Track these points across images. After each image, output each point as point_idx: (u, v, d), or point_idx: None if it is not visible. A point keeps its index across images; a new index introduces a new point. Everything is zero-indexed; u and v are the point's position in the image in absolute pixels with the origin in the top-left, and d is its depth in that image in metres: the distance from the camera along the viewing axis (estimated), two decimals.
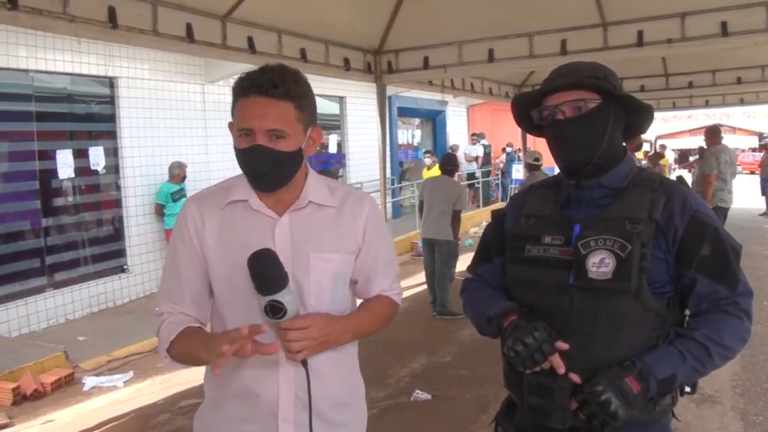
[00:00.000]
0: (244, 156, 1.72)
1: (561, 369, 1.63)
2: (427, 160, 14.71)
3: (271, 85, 1.69)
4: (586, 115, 1.71)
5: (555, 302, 1.71)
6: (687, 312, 1.74)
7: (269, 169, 1.72)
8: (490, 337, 1.86)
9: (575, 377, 1.63)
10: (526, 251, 1.80)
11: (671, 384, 1.61)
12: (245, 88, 1.71)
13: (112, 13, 4.54)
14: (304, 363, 1.70)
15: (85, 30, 4.51)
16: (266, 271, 1.60)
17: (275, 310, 1.59)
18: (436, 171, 10.80)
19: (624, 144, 1.85)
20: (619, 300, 1.64)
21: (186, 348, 1.74)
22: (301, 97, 1.74)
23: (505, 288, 1.90)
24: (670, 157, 20.69)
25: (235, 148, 1.75)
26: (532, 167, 8.06)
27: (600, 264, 1.64)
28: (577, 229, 1.72)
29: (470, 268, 2.07)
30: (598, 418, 1.56)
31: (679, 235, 1.66)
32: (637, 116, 1.80)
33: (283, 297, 1.59)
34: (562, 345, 1.64)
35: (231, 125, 1.80)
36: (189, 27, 5.19)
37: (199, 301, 1.86)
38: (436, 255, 7.75)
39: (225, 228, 1.80)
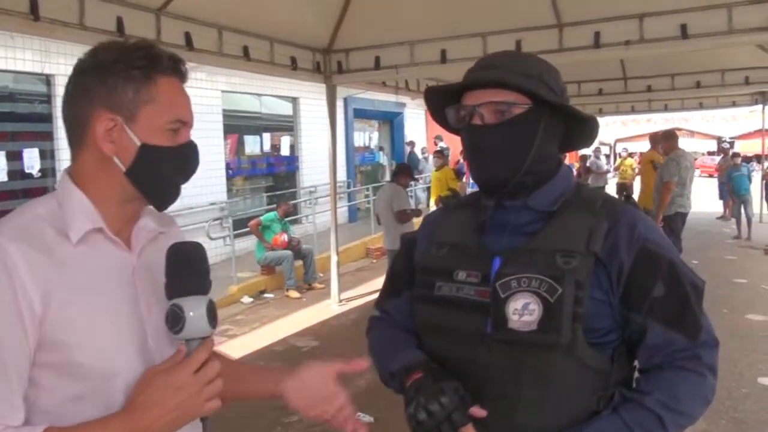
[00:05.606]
0: (188, 153, 1.25)
1: None
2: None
3: (183, 64, 1.25)
4: (509, 122, 1.35)
5: (471, 355, 1.36)
6: (636, 364, 1.40)
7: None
8: (396, 392, 1.49)
9: None
10: (436, 289, 1.43)
11: None
12: (165, 68, 1.21)
13: (33, 4, 4.27)
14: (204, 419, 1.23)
15: (4, 22, 4.26)
16: (187, 265, 1.17)
17: (175, 319, 1.13)
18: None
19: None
20: (547, 356, 1.29)
21: None
22: None
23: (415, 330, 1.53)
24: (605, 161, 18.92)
25: (162, 147, 1.21)
26: None
27: (523, 311, 1.29)
28: (496, 264, 1.37)
29: (378, 303, 1.69)
30: None
31: (625, 272, 1.31)
32: (578, 128, 1.44)
33: (188, 305, 1.13)
34: (478, 412, 1.30)
35: (110, 119, 1.18)
36: (119, 21, 4.91)
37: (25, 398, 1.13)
38: None
39: (82, 276, 1.16)
